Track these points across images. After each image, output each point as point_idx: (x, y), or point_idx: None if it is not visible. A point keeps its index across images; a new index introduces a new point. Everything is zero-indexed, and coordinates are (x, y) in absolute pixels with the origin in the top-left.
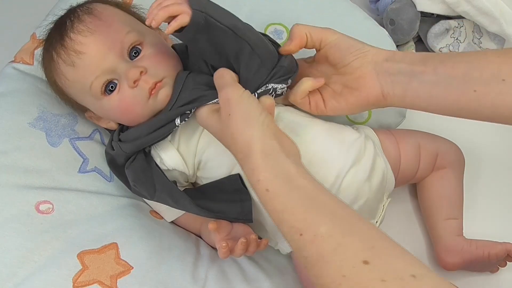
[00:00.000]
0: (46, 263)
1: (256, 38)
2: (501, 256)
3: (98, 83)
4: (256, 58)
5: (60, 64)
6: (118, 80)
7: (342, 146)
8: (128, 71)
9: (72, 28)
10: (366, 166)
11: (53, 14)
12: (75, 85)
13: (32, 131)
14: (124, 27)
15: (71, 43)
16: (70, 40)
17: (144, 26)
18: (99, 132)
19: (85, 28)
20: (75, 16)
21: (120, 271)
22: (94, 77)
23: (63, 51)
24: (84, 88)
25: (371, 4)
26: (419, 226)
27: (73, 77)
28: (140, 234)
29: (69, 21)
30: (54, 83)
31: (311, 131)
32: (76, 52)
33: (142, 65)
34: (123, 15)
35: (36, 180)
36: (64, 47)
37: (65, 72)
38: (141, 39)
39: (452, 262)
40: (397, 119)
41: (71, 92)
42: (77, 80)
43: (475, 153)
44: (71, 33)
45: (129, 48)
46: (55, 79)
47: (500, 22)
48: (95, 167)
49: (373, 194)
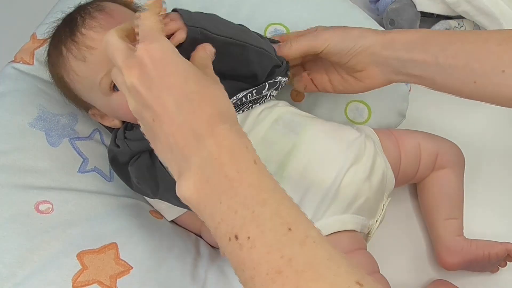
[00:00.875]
0: (45, 263)
1: (256, 37)
2: (501, 256)
3: (108, 79)
4: (264, 53)
5: (70, 59)
6: None
7: (341, 145)
8: None
9: (83, 24)
10: (366, 165)
11: (52, 14)
12: (84, 81)
13: (32, 131)
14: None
15: (83, 38)
16: (82, 35)
17: None
18: (99, 132)
19: (97, 24)
20: (86, 13)
21: (120, 271)
22: (104, 73)
23: (74, 46)
24: (93, 83)
25: (371, 4)
26: (419, 226)
27: (83, 72)
28: (140, 234)
29: (80, 17)
30: (61, 80)
31: (311, 131)
32: (87, 47)
33: None
34: (132, 14)
35: (36, 180)
36: (75, 42)
37: (74, 67)
38: None
39: (452, 262)
40: (397, 119)
41: (78, 88)
42: (87, 75)
43: (476, 153)
44: (82, 29)
45: None
46: (63, 75)
47: (500, 22)
48: (95, 167)
49: (373, 193)
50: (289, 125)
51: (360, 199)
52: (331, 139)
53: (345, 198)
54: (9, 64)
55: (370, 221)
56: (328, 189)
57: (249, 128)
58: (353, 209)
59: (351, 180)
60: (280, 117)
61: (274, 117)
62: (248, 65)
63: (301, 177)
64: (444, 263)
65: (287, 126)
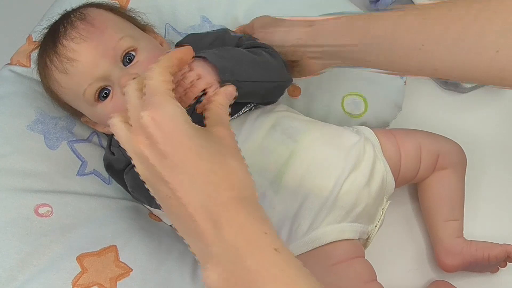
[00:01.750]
0: (45, 266)
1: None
2: (501, 258)
3: (91, 90)
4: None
5: (54, 70)
6: (111, 87)
7: (340, 151)
8: (121, 78)
9: (65, 35)
10: (365, 171)
11: (47, 17)
12: (68, 92)
13: (30, 134)
14: (117, 33)
15: (64, 50)
16: (63, 47)
17: (139, 30)
18: (97, 134)
19: (77, 35)
20: (68, 22)
21: (120, 274)
22: (87, 84)
23: (56, 58)
24: (77, 95)
25: (371, 4)
26: (419, 228)
27: (67, 84)
28: (139, 237)
29: (62, 27)
30: (49, 89)
31: (309, 137)
32: (68, 60)
33: (135, 71)
34: (117, 20)
35: (35, 183)
36: (57, 54)
37: (58, 79)
38: (135, 44)
39: (452, 264)
40: (393, 111)
41: (65, 98)
42: (71, 87)
43: (477, 153)
44: (63, 40)
45: (123, 54)
46: (50, 85)
47: None
48: (94, 169)
49: (373, 199)
50: (287, 131)
51: (359, 206)
52: (329, 145)
53: (343, 206)
54: (5, 67)
55: (369, 226)
56: (326, 197)
57: (245, 136)
58: (352, 217)
59: (350, 188)
60: (278, 123)
61: (271, 123)
62: (265, 97)
63: (299, 185)
64: (444, 265)
65: (285, 133)
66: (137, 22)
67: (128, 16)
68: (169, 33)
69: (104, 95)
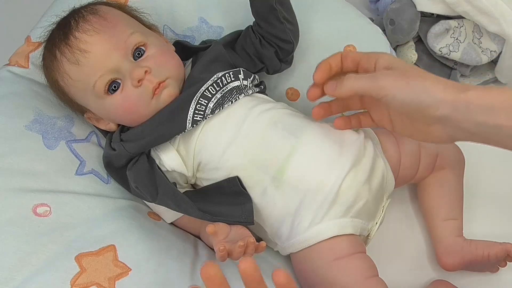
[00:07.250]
0: (43, 266)
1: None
2: (501, 256)
3: (102, 82)
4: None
5: (64, 62)
6: (121, 80)
7: (341, 147)
8: (132, 71)
9: (77, 27)
10: (366, 168)
11: (46, 18)
12: (77, 84)
13: (29, 134)
14: (128, 28)
15: (76, 41)
16: (75, 38)
17: (146, 28)
18: (95, 134)
19: (90, 28)
20: (79, 16)
21: (118, 273)
22: (98, 76)
23: (67, 50)
24: (87, 87)
25: (371, 4)
26: (419, 227)
27: (77, 75)
28: (138, 236)
29: (74, 20)
30: (55, 83)
31: (310, 133)
32: (81, 51)
33: (146, 65)
34: (127, 17)
35: (33, 183)
36: (68, 46)
37: (68, 71)
38: (145, 40)
39: (451, 263)
40: None
41: (72, 91)
42: (81, 79)
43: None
44: (76, 32)
45: (133, 48)
46: (57, 79)
47: (500, 22)
48: (92, 169)
49: (373, 195)
50: (287, 128)
51: (360, 202)
52: (330, 141)
53: (344, 201)
54: (4, 68)
55: (369, 223)
56: (327, 192)
57: (246, 132)
58: (352, 212)
59: (351, 184)
60: (279, 119)
61: (272, 120)
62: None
63: (301, 181)
64: (444, 264)
65: (286, 129)
66: (143, 21)
67: (135, 15)
68: (167, 35)
69: (114, 88)
